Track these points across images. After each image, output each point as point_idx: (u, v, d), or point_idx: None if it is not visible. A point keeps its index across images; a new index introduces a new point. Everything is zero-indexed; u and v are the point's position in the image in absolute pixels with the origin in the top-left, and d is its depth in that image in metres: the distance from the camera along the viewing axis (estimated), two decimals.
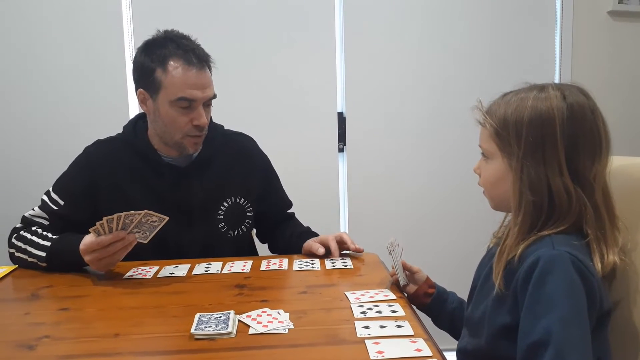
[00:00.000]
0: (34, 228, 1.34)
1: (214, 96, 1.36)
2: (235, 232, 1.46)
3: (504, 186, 0.89)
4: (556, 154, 0.83)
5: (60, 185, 1.39)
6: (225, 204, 1.44)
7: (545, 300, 0.77)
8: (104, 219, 1.11)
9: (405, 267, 1.14)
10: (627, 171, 0.94)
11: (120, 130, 1.45)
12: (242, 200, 1.46)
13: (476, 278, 0.99)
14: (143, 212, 1.11)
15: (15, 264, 1.33)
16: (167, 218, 1.16)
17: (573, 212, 0.83)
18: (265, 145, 1.56)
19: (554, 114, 0.83)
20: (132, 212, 1.11)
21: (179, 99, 1.29)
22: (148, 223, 1.15)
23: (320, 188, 2.26)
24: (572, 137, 0.83)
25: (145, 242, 1.19)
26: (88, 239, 1.17)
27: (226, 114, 1.54)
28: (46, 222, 1.36)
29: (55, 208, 1.35)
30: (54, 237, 1.29)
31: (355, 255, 1.33)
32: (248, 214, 1.48)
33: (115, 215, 1.10)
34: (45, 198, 1.37)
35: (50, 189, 1.39)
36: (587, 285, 0.78)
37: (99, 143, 1.44)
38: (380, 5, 2.24)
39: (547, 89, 0.86)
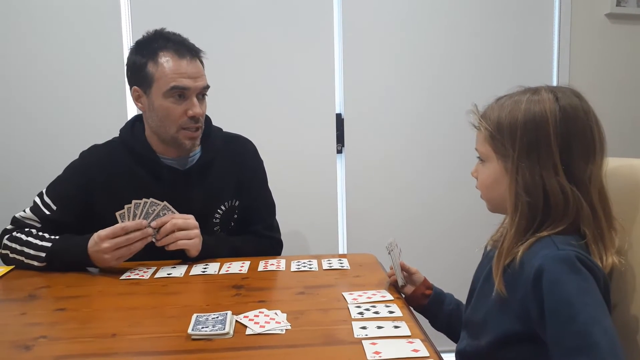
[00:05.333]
0: (27, 229, 1.33)
1: (207, 87, 1.36)
2: (226, 231, 1.47)
3: (500, 189, 0.90)
4: (551, 155, 0.84)
5: (54, 190, 1.37)
6: (223, 207, 1.44)
7: (567, 303, 0.76)
8: (133, 202, 1.19)
9: (403, 268, 1.14)
10: (623, 172, 0.94)
11: (118, 131, 1.44)
12: (236, 202, 1.46)
13: (475, 280, 0.99)
14: (163, 203, 1.18)
15: (8, 265, 1.31)
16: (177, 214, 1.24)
17: (570, 212, 0.84)
18: (264, 146, 1.56)
19: (547, 115, 0.84)
20: (155, 200, 1.20)
21: (172, 89, 1.29)
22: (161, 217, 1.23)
23: (319, 189, 2.25)
24: (566, 138, 0.84)
25: (155, 242, 1.24)
26: (110, 228, 1.20)
27: (224, 116, 1.53)
28: (38, 225, 1.34)
29: (47, 212, 1.34)
30: (54, 237, 1.28)
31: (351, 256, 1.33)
32: (236, 211, 1.48)
33: (143, 200, 1.19)
34: (38, 201, 1.36)
35: (44, 192, 1.37)
36: (597, 279, 0.79)
37: (95, 148, 1.43)
38: (379, 6, 2.24)
39: (540, 91, 0.87)
